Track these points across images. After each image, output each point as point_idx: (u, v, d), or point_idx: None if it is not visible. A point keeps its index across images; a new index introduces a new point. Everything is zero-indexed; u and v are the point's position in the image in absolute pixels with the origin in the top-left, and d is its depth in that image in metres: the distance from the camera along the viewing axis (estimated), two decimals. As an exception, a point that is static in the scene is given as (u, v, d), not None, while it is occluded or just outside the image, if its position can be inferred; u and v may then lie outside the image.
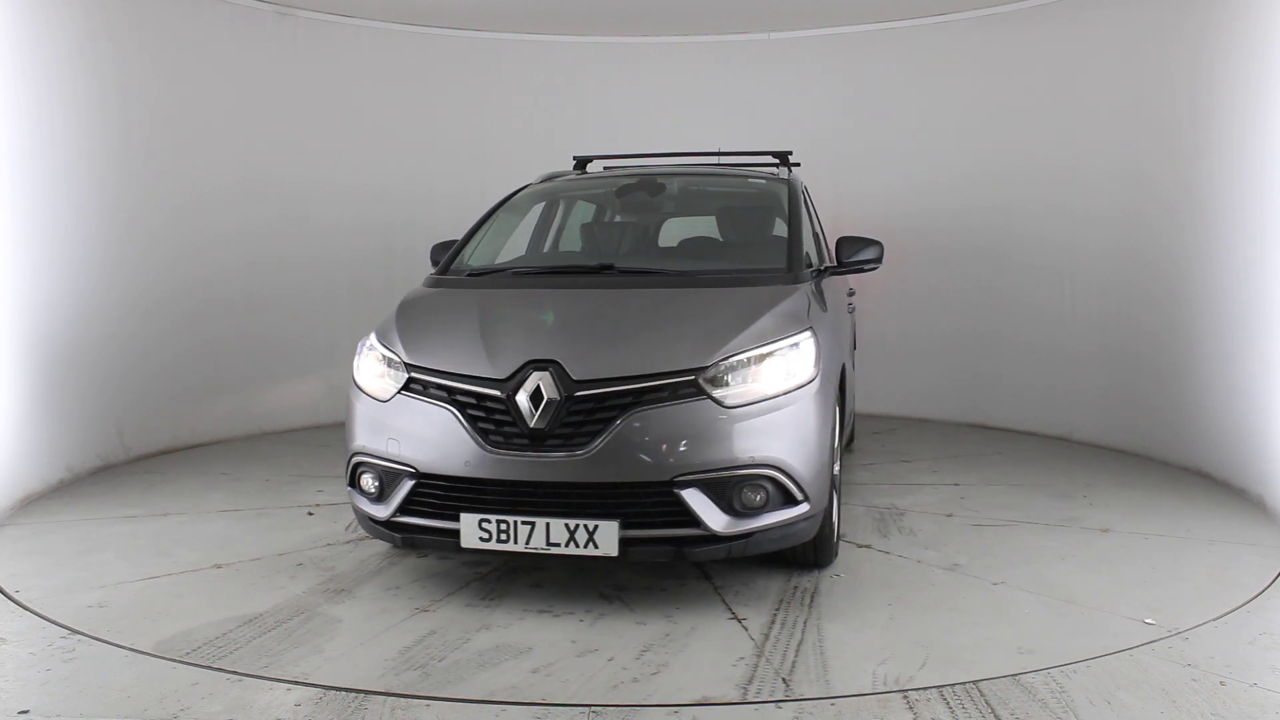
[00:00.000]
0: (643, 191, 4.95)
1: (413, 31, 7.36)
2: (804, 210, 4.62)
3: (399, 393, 3.58)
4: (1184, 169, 5.66)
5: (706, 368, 3.38)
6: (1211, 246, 5.44)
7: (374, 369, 3.72)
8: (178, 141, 6.29)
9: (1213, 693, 2.86)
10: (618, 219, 5.15)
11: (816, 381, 3.56)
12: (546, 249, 4.99)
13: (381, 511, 3.58)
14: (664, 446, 3.29)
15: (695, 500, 3.29)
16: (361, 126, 7.25)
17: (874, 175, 7.27)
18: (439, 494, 3.47)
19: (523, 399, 3.37)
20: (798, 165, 5.76)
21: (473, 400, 3.44)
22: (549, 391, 3.36)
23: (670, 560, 3.39)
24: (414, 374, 3.57)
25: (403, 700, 2.83)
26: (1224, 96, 5.32)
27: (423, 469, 3.45)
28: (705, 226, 5.05)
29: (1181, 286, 5.71)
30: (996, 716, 2.72)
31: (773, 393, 3.42)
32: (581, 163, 5.62)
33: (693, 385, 3.35)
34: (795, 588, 3.76)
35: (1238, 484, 5.19)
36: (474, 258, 4.46)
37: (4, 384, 4.94)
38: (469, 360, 3.52)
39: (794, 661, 3.10)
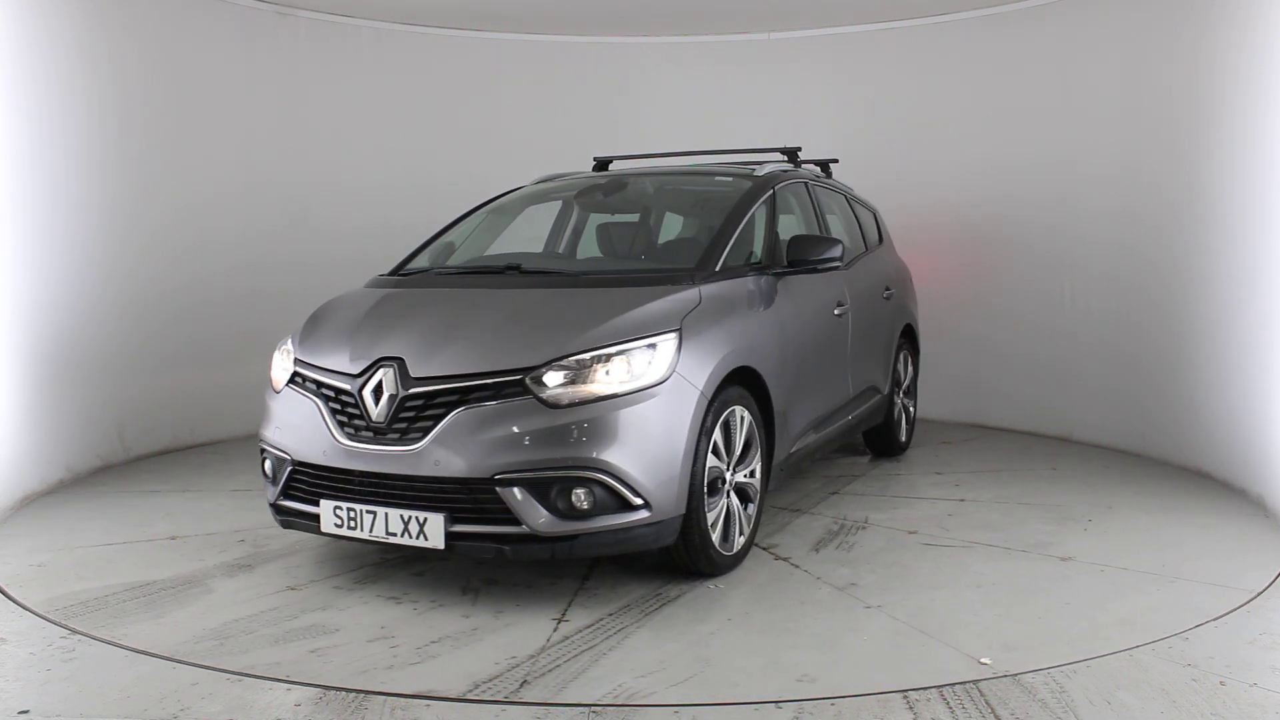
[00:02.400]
0: (600, 193, 5.10)
1: (413, 31, 7.36)
2: (763, 209, 4.54)
3: (286, 385, 3.87)
4: (1184, 169, 5.66)
5: (535, 368, 3.43)
6: (1212, 246, 5.44)
7: (279, 363, 3.99)
8: (178, 141, 6.29)
9: (1213, 693, 2.86)
10: (571, 221, 5.28)
11: (668, 384, 3.50)
12: (488, 251, 4.94)
13: (271, 495, 3.87)
14: (487, 444, 3.36)
15: (517, 499, 3.35)
16: (362, 127, 7.25)
17: (874, 175, 7.26)
18: (306, 481, 3.70)
19: (367, 393, 3.56)
20: (835, 162, 5.90)
21: (332, 393, 3.66)
22: (389, 387, 3.52)
23: (495, 558, 3.47)
24: (297, 368, 3.84)
25: (402, 700, 2.83)
26: (1225, 96, 5.32)
27: (295, 457, 3.70)
28: (669, 226, 5.06)
29: (1182, 286, 5.71)
30: (996, 716, 2.72)
31: (609, 394, 3.41)
32: (602, 163, 5.73)
33: (519, 385, 3.42)
34: (656, 594, 3.69)
35: (1238, 484, 5.19)
36: (421, 260, 4.67)
37: (4, 384, 4.94)
38: (334, 356, 3.74)
39: (556, 667, 3.05)
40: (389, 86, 7.34)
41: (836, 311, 4.91)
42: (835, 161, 5.95)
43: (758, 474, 4.05)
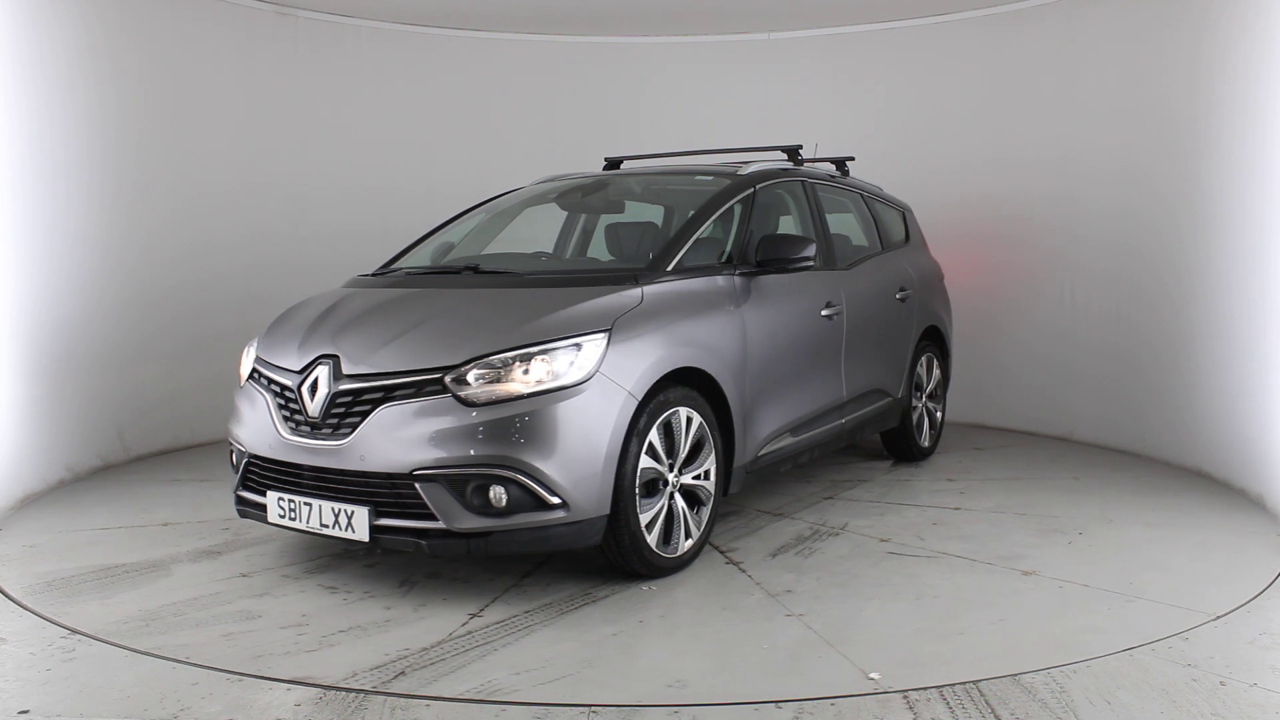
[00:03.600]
0: (580, 193, 5.17)
1: (413, 31, 7.36)
2: (738, 207, 4.53)
3: (247, 380, 4.03)
4: (1184, 168, 5.66)
5: (455, 366, 3.49)
6: (1212, 246, 5.44)
7: (245, 359, 4.14)
8: (177, 141, 6.29)
9: (1213, 693, 2.86)
10: (581, 222, 5.34)
11: (591, 384, 3.51)
12: (485, 251, 4.97)
13: (233, 485, 4.00)
14: (408, 441, 3.44)
15: (434, 495, 3.42)
16: (362, 127, 7.25)
17: (874, 174, 7.26)
18: (258, 472, 3.84)
19: (305, 389, 3.69)
20: (851, 160, 5.85)
21: (279, 389, 3.81)
22: (324, 384, 3.64)
23: (416, 552, 3.54)
24: (255, 364, 4.00)
25: (402, 700, 2.83)
26: (1227, 95, 5.32)
27: (249, 449, 3.85)
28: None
29: (1181, 286, 5.71)
30: (996, 716, 2.72)
31: (526, 393, 3.45)
32: (613, 163, 5.76)
33: (439, 384, 3.48)
34: (585, 594, 3.70)
35: (1238, 484, 5.19)
36: (406, 260, 4.75)
37: (4, 384, 4.95)
38: (285, 353, 3.87)
39: (440, 661, 3.10)
40: (389, 86, 7.34)
41: (825, 312, 4.82)
42: (852, 159, 5.90)
43: (712, 476, 4.03)
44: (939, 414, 6.19)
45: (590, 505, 3.51)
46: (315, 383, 3.66)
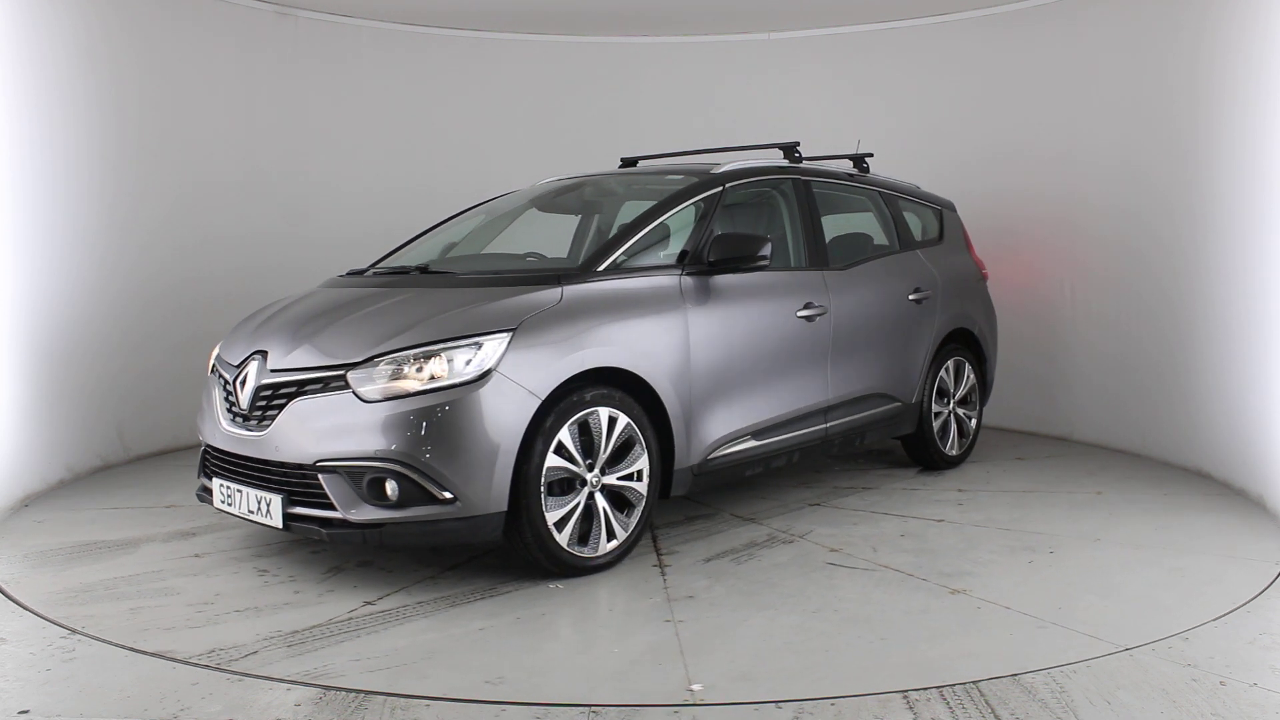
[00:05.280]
0: (556, 195, 5.23)
1: (413, 31, 7.36)
2: (699, 206, 4.51)
3: (210, 373, 4.25)
4: (1184, 169, 5.66)
5: (356, 363, 3.63)
6: (1212, 246, 5.44)
7: (213, 354, 4.31)
8: (177, 141, 6.29)
9: (1213, 693, 2.86)
10: (595, 223, 5.32)
11: (489, 382, 3.57)
12: (471, 252, 4.99)
13: (196, 472, 4.27)
14: (313, 434, 3.63)
15: (334, 486, 3.58)
16: (361, 127, 7.25)
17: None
18: (210, 460, 4.09)
19: (238, 382, 3.91)
20: (870, 156, 5.78)
21: (224, 382, 4.04)
22: (252, 378, 3.85)
23: (321, 539, 3.74)
24: (215, 359, 4.22)
25: (402, 700, 2.83)
26: (1225, 95, 5.32)
27: (205, 439, 4.12)
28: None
29: (1182, 286, 5.71)
30: (996, 716, 2.72)
31: (420, 390, 3.55)
32: (629, 163, 5.76)
33: (342, 380, 3.63)
34: (491, 589, 3.75)
35: (1238, 484, 5.19)
36: (385, 262, 4.84)
37: (4, 384, 4.94)
38: (234, 348, 4.09)
39: (297, 644, 3.24)
40: (389, 86, 7.34)
41: (805, 313, 4.71)
42: (870, 155, 5.81)
43: (645, 478, 4.01)
44: (972, 421, 5.91)
45: (482, 501, 3.58)
46: (246, 377, 3.87)
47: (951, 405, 5.76)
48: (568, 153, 7.12)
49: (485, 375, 3.58)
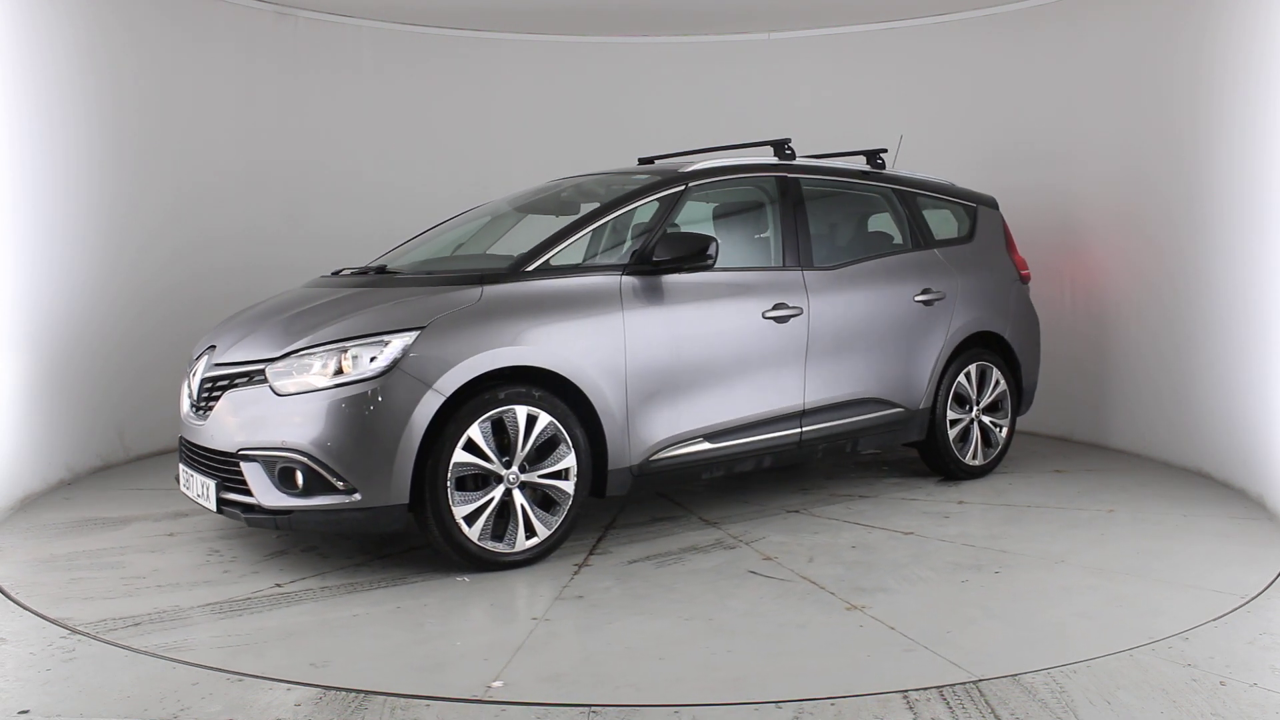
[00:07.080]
0: (532, 196, 5.27)
1: (413, 31, 7.36)
2: (654, 206, 4.50)
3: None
4: (1183, 169, 5.66)
5: (274, 358, 3.83)
6: (1212, 246, 5.44)
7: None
8: (176, 141, 6.29)
9: (1213, 693, 2.86)
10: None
11: (391, 379, 3.70)
12: (472, 252, 5.00)
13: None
14: (236, 424, 3.86)
15: (252, 474, 3.80)
16: (361, 126, 7.25)
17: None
18: (181, 448, 4.30)
19: (193, 375, 4.17)
20: (884, 151, 5.66)
21: (190, 373, 4.25)
22: (201, 370, 4.11)
23: (248, 524, 3.92)
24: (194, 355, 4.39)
25: (402, 700, 2.83)
26: (1225, 95, 5.32)
27: (181, 428, 4.31)
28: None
29: (1182, 285, 5.71)
30: (996, 716, 2.72)
31: (324, 385, 3.72)
32: (646, 163, 5.73)
33: (262, 374, 3.85)
34: (400, 579, 3.87)
35: (1238, 484, 5.19)
36: (374, 263, 4.90)
37: (4, 384, 4.94)
38: (200, 342, 4.34)
39: (177, 619, 3.44)
40: (389, 86, 7.34)
41: (774, 314, 4.60)
42: (884, 151, 5.65)
43: (572, 476, 4.02)
44: (1001, 430, 5.60)
45: (382, 494, 3.70)
46: (198, 369, 4.13)
47: (975, 413, 5.47)
48: (568, 153, 7.12)
49: (388, 371, 3.71)
